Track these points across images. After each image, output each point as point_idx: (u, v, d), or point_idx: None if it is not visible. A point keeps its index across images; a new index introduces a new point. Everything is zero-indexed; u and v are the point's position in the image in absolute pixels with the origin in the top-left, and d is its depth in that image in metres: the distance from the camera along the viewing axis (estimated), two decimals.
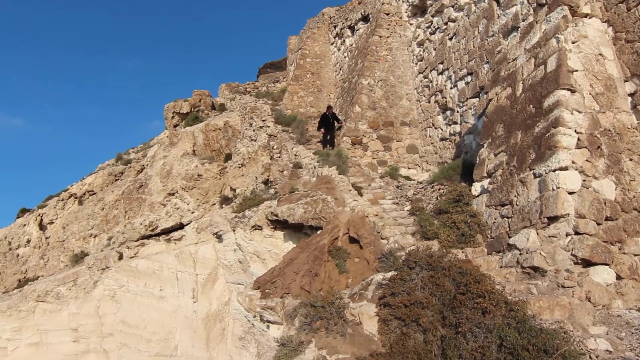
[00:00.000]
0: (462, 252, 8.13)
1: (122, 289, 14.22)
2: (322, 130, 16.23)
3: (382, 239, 9.11)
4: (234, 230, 13.27)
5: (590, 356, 4.94)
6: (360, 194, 11.62)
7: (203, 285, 13.87)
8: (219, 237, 13.95)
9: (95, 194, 21.37)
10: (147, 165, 21.18)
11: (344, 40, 22.19)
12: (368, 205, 10.57)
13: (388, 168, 14.78)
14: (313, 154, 14.93)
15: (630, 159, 7.43)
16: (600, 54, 8.02)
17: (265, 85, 29.27)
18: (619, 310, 5.91)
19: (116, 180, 22.25)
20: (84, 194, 21.70)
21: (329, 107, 16.68)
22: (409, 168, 15.32)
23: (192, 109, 23.60)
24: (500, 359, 4.99)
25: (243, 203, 14.38)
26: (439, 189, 11.15)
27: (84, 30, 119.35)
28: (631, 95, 7.91)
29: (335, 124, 16.01)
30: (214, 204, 16.90)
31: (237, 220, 13.45)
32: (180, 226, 16.50)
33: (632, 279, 6.47)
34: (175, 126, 23.08)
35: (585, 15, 8.28)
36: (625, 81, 8.00)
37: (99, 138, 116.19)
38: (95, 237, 18.76)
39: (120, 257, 15.49)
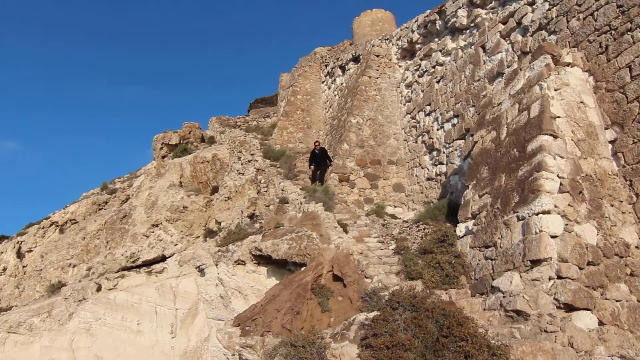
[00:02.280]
0: (446, 293, 8.06)
1: (99, 322, 13.82)
2: (312, 167, 16.29)
3: (366, 277, 9.02)
4: (216, 265, 13.07)
5: None
6: (346, 231, 11.58)
7: (183, 320, 13.55)
8: (201, 270, 13.72)
9: (77, 222, 21.01)
10: (133, 195, 20.96)
11: (334, 79, 22.61)
12: (353, 243, 10.52)
13: (374, 206, 14.81)
14: (300, 189, 14.94)
15: (612, 205, 7.54)
16: (581, 102, 8.26)
17: (255, 120, 29.51)
18: (601, 356, 5.85)
19: (100, 209, 21.93)
20: (66, 222, 21.31)
21: (316, 142, 16.82)
22: (395, 206, 15.37)
23: (181, 141, 23.61)
24: None
25: (227, 237, 14.22)
26: (424, 229, 11.16)
27: (74, 60, 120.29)
28: (612, 142, 8.11)
29: (327, 161, 16.03)
30: (198, 237, 16.68)
31: (220, 254, 13.27)
32: (163, 258, 16.20)
33: (614, 325, 6.45)
34: (163, 157, 23.00)
35: (568, 64, 8.57)
36: (606, 129, 8.22)
37: (88, 165, 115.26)
38: (74, 267, 18.32)
39: (99, 289, 15.12)
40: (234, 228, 14.94)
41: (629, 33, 7.89)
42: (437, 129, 14.30)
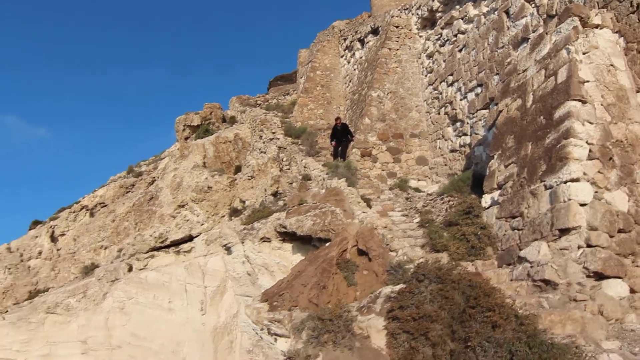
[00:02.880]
0: (472, 264, 8.01)
1: (131, 300, 14.24)
2: (334, 142, 16.20)
3: (391, 251, 9.03)
4: (242, 242, 13.26)
5: None
6: (369, 206, 11.56)
7: (212, 297, 13.85)
8: (227, 249, 13.94)
9: (106, 205, 21.51)
10: (158, 177, 21.30)
11: (353, 53, 22.28)
12: (377, 217, 10.50)
13: (397, 180, 14.70)
14: (322, 165, 14.92)
15: None
16: (611, 65, 7.94)
17: (275, 98, 29.41)
18: (632, 324, 5.77)
19: (127, 192, 22.38)
20: (95, 206, 21.84)
21: (337, 119, 16.64)
22: (419, 180, 15.23)
23: (203, 122, 23.74)
24: None
25: (252, 215, 14.37)
26: (448, 201, 11.05)
27: (97, 46, 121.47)
28: None
29: (349, 137, 15.90)
30: (224, 216, 16.91)
31: (245, 232, 13.44)
32: (190, 238, 16.51)
33: None
34: (186, 139, 23.22)
35: (596, 26, 8.22)
36: (638, 92, 7.90)
37: (113, 149, 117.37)
38: (105, 249, 18.84)
39: (130, 269, 15.53)
40: (258, 206, 15.08)
41: None
42: (460, 100, 14.00)
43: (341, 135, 15.94)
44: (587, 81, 7.59)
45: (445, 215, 10.07)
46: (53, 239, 20.81)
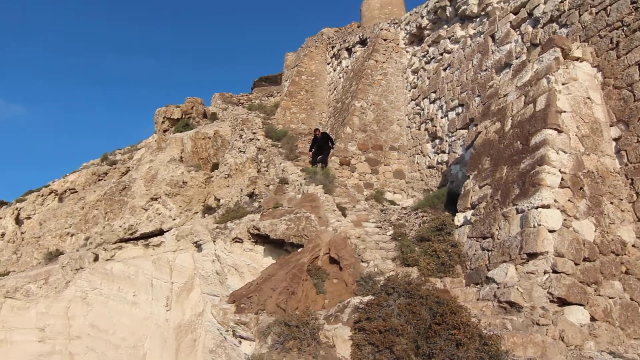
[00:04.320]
0: (441, 281, 8.13)
1: (95, 291, 13.94)
2: (311, 151, 16.31)
3: (363, 262, 9.08)
4: (214, 241, 13.14)
5: None
6: (344, 215, 11.61)
7: (178, 294, 13.67)
8: (198, 246, 13.80)
9: (76, 192, 21.00)
10: (133, 167, 20.94)
11: (340, 61, 22.41)
12: (351, 226, 10.56)
13: (374, 191, 14.82)
14: (300, 170, 14.93)
15: (611, 202, 7.55)
16: (588, 98, 8.21)
17: (258, 98, 29.33)
18: (591, 351, 5.93)
19: (99, 180, 21.91)
20: (65, 191, 21.30)
21: (316, 130, 16.79)
22: (395, 193, 15.39)
23: (183, 116, 23.48)
24: None
25: (226, 214, 14.26)
26: (422, 216, 11.20)
27: (86, 30, 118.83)
28: (616, 140, 8.08)
29: (329, 144, 15.96)
30: (197, 213, 16.72)
31: (218, 231, 13.33)
32: (160, 232, 16.27)
33: (605, 321, 6.52)
34: (164, 131, 22.92)
35: (577, 59, 8.50)
36: (611, 126, 8.18)
37: (88, 135, 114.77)
38: (72, 236, 18.39)
39: (96, 259, 15.21)
40: (233, 206, 14.98)
41: None
42: (441, 117, 14.23)
43: (321, 144, 16.00)
44: (564, 111, 7.83)
45: (418, 230, 10.20)
46: (18, 221, 20.23)
